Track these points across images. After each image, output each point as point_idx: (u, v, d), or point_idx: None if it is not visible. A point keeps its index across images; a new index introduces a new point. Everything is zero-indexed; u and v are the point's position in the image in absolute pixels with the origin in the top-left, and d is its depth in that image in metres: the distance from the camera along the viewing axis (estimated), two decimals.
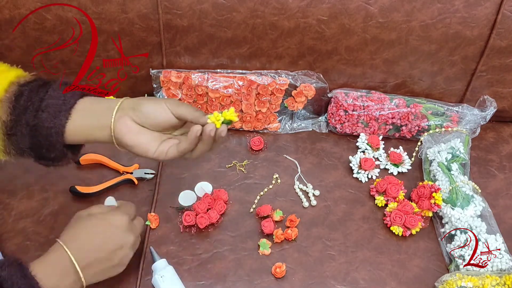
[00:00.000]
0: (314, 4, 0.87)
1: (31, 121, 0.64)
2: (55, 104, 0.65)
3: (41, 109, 0.65)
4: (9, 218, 0.85)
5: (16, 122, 0.64)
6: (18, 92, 0.65)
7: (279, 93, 0.96)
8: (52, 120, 0.65)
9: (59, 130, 0.65)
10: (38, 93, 0.66)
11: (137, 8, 0.88)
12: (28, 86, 0.66)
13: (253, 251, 0.82)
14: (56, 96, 0.66)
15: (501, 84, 0.98)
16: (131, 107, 0.66)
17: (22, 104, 0.64)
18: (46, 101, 0.65)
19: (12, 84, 0.66)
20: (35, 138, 0.65)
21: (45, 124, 0.64)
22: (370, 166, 0.92)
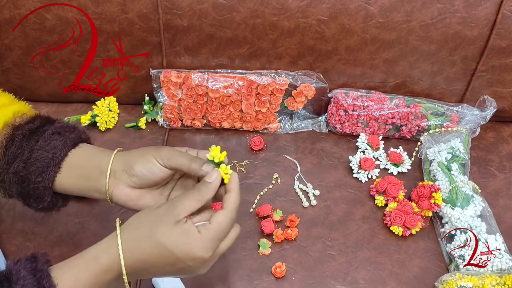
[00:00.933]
0: (314, 4, 0.87)
1: (19, 171, 0.62)
2: (44, 158, 0.62)
3: (30, 161, 0.62)
4: (9, 218, 0.85)
5: (5, 169, 0.62)
6: (10, 137, 0.63)
7: (279, 93, 0.96)
8: (40, 174, 0.62)
9: (47, 185, 0.62)
10: (30, 141, 0.63)
11: (137, 8, 0.88)
12: (22, 129, 0.63)
13: (253, 251, 0.82)
14: (46, 148, 0.62)
15: (501, 84, 0.98)
16: (123, 169, 0.62)
17: (13, 151, 0.62)
18: (36, 152, 0.62)
19: (7, 126, 0.63)
20: (23, 188, 0.63)
21: (32, 177, 0.62)
22: (370, 166, 0.92)
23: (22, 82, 0.98)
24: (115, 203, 0.64)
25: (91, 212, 0.85)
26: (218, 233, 0.57)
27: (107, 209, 0.85)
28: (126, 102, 1.03)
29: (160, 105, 0.99)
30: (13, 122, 0.64)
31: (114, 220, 0.84)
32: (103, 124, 0.99)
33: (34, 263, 0.54)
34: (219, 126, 1.00)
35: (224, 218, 0.58)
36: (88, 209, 0.86)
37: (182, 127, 1.00)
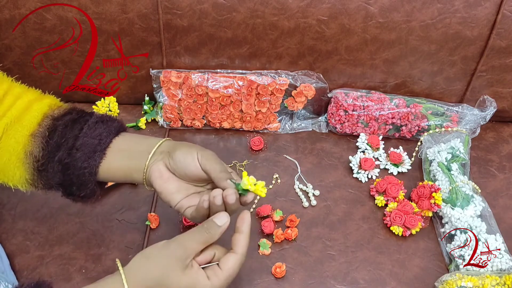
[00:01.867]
0: (314, 4, 0.87)
1: (64, 159, 0.62)
2: (90, 144, 0.63)
3: (75, 148, 0.62)
4: (9, 218, 0.85)
5: (49, 158, 0.62)
6: (52, 127, 0.63)
7: (279, 93, 0.96)
8: (86, 160, 0.62)
9: (93, 171, 0.63)
10: (73, 129, 0.63)
11: (137, 8, 0.88)
12: (62, 120, 0.64)
13: (253, 251, 0.82)
14: (92, 135, 0.63)
15: (501, 84, 0.98)
16: (168, 151, 0.63)
17: (56, 141, 0.62)
18: (81, 139, 0.63)
19: (46, 117, 0.64)
20: (67, 176, 0.63)
21: (78, 163, 0.62)
22: (370, 166, 0.92)
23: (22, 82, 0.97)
24: (147, 178, 0.64)
25: (92, 212, 0.85)
26: (227, 279, 0.58)
27: (108, 209, 0.85)
28: (126, 102, 1.03)
29: (160, 105, 0.99)
30: (51, 113, 0.65)
31: (114, 220, 0.85)
32: None
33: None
34: (219, 126, 1.00)
35: (234, 263, 0.58)
36: (88, 209, 0.86)
37: (182, 127, 1.00)
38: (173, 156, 0.62)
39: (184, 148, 0.63)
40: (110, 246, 0.81)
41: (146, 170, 0.63)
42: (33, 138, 0.62)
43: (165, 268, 0.56)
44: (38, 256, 0.80)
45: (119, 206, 0.86)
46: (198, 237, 0.58)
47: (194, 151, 0.62)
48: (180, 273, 0.56)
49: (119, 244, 0.82)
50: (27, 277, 0.78)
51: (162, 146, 0.64)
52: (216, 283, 0.56)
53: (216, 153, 0.97)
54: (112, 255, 0.80)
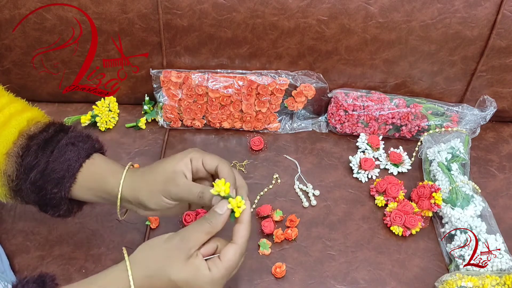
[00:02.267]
0: (314, 4, 0.87)
1: (36, 181, 0.63)
2: (59, 170, 0.63)
3: (46, 173, 0.63)
4: (9, 218, 0.85)
5: (22, 179, 0.63)
6: (26, 147, 0.64)
7: (279, 93, 0.96)
8: (56, 185, 0.63)
9: (63, 196, 0.64)
10: (45, 151, 0.64)
11: (137, 8, 0.88)
12: (36, 139, 0.64)
13: (253, 251, 0.82)
14: (60, 160, 0.63)
15: (501, 84, 0.98)
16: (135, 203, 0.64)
17: (29, 162, 0.63)
18: (51, 164, 0.63)
19: (21, 135, 0.64)
20: (41, 197, 0.64)
21: (49, 187, 0.63)
22: (370, 166, 0.92)
23: (22, 82, 0.98)
24: None
25: (92, 212, 0.85)
26: (227, 270, 0.58)
27: (107, 209, 0.85)
28: (126, 102, 1.03)
29: (160, 105, 0.99)
30: (27, 131, 0.65)
31: (114, 220, 0.84)
32: (103, 124, 0.99)
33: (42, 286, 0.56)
34: (219, 126, 1.00)
35: (234, 254, 0.58)
36: (88, 209, 0.86)
37: (182, 127, 1.00)
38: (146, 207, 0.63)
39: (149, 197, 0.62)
40: (110, 246, 0.81)
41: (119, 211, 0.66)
42: (8, 157, 0.63)
43: (168, 258, 0.57)
44: (38, 256, 0.80)
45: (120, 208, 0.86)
46: (200, 228, 0.58)
47: (159, 195, 0.62)
48: (182, 263, 0.56)
49: (119, 244, 0.82)
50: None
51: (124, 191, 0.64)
52: (217, 274, 0.57)
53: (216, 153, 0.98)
54: (112, 255, 0.80)
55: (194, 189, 0.60)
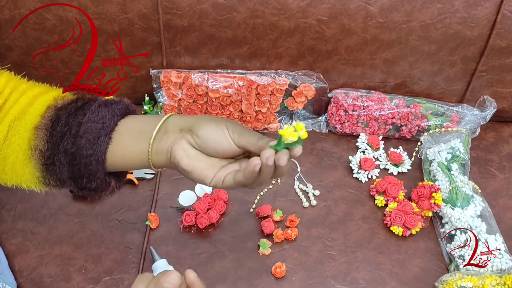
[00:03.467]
0: (314, 4, 0.87)
1: (69, 148, 0.58)
2: (94, 129, 0.58)
3: (79, 135, 0.58)
4: (9, 218, 0.85)
5: (54, 150, 0.59)
6: (55, 117, 0.60)
7: (279, 93, 0.96)
8: (91, 147, 0.58)
9: (100, 158, 0.58)
10: (76, 116, 0.60)
11: (137, 8, 0.88)
12: (66, 109, 0.60)
13: (253, 251, 0.82)
14: (95, 120, 0.59)
15: (501, 84, 0.98)
16: (188, 128, 0.57)
17: (60, 131, 0.59)
18: (84, 125, 0.58)
19: (49, 108, 0.61)
20: (75, 167, 0.59)
21: (84, 151, 0.58)
22: (370, 166, 0.92)
23: None
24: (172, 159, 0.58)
25: (92, 212, 0.85)
26: None
27: (108, 209, 0.85)
28: None
29: (160, 105, 0.99)
30: (55, 104, 0.62)
31: (114, 220, 0.85)
32: None
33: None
34: None
35: None
36: (88, 209, 0.86)
37: None
38: (198, 133, 0.56)
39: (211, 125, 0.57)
40: (110, 246, 0.81)
41: (151, 150, 0.59)
42: (37, 131, 0.59)
43: None
44: (38, 256, 0.80)
45: (119, 206, 0.86)
46: None
47: (223, 126, 0.56)
48: None
49: (119, 244, 0.82)
50: (27, 277, 0.78)
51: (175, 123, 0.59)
52: None
53: None
54: (112, 255, 0.80)
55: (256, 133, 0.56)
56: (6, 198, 0.87)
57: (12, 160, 0.60)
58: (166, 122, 0.59)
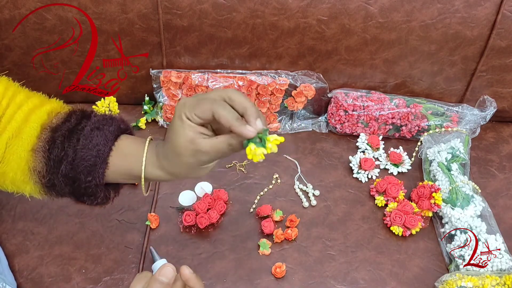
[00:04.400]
0: (314, 4, 0.87)
1: (68, 173, 0.61)
2: (89, 157, 0.60)
3: (76, 163, 0.60)
4: (9, 218, 0.85)
5: (53, 174, 0.61)
6: (51, 140, 0.61)
7: (279, 93, 0.96)
8: (89, 173, 0.61)
9: (98, 182, 0.61)
10: (71, 140, 0.61)
11: (137, 8, 0.88)
12: (60, 130, 0.62)
13: (253, 251, 0.82)
14: (89, 147, 0.61)
15: (501, 84, 0.98)
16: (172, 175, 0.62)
17: (57, 155, 0.61)
18: (80, 152, 0.60)
19: (44, 129, 0.62)
20: (75, 189, 0.62)
21: (82, 177, 0.61)
22: (370, 166, 0.92)
23: (22, 82, 0.98)
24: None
25: (92, 212, 0.85)
26: None
27: (107, 209, 0.85)
28: (126, 102, 1.03)
29: (160, 105, 0.99)
30: (49, 124, 0.63)
31: (114, 220, 0.85)
32: None
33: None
34: None
35: None
36: (88, 209, 0.86)
37: None
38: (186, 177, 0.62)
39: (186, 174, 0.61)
40: (110, 246, 0.81)
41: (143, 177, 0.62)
42: (34, 153, 0.61)
43: None
44: (38, 256, 0.80)
45: (119, 206, 0.86)
46: None
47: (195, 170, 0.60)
48: None
49: (119, 244, 0.82)
50: (27, 277, 0.78)
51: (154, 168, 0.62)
52: None
53: None
54: (112, 255, 0.80)
55: (221, 146, 0.58)
56: (6, 198, 0.87)
57: (11, 176, 0.62)
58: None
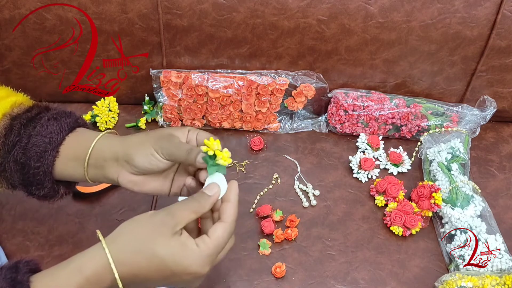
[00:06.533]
0: (314, 4, 0.87)
1: (19, 158, 0.62)
2: (42, 143, 0.61)
3: (28, 147, 0.61)
4: (9, 218, 0.85)
5: (5, 158, 0.62)
6: (9, 127, 0.63)
7: (279, 93, 0.96)
8: (39, 159, 0.61)
9: (47, 170, 0.62)
10: (28, 128, 0.63)
11: (137, 8, 0.88)
12: (19, 119, 0.63)
13: (253, 251, 0.82)
14: (43, 134, 0.62)
15: (501, 84, 0.98)
16: (123, 158, 0.61)
17: (12, 140, 0.62)
18: (33, 138, 0.62)
19: (4, 116, 0.63)
20: (25, 175, 0.63)
21: (32, 163, 0.62)
22: (370, 166, 0.92)
23: (22, 82, 0.98)
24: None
25: (91, 212, 0.85)
26: (216, 248, 0.56)
27: (107, 209, 0.85)
28: (126, 102, 1.03)
29: (160, 105, 0.99)
30: (10, 112, 0.64)
31: (114, 220, 0.85)
32: (103, 124, 0.99)
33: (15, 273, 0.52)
34: (219, 126, 1.00)
35: (223, 232, 0.56)
36: (88, 209, 0.86)
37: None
38: (133, 164, 0.60)
39: (140, 153, 0.60)
40: None
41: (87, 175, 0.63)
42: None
43: (152, 231, 0.54)
44: (38, 256, 0.80)
45: (119, 206, 0.86)
46: (188, 206, 0.57)
47: (152, 151, 0.60)
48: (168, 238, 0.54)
49: None
50: None
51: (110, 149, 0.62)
52: (205, 250, 0.55)
53: None
54: None
55: (184, 146, 0.60)
56: (6, 198, 0.87)
57: None
58: (101, 147, 0.62)
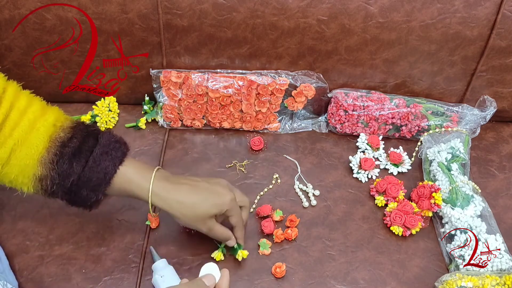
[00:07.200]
0: (314, 4, 0.87)
1: (72, 187, 0.67)
2: (96, 178, 0.67)
3: (82, 181, 0.67)
4: (9, 218, 0.85)
5: (58, 184, 0.66)
6: (60, 155, 0.66)
7: (279, 93, 0.96)
8: (92, 190, 0.67)
9: (98, 198, 0.68)
10: (80, 160, 0.66)
11: (137, 8, 0.88)
12: (69, 146, 0.66)
13: (253, 251, 0.82)
14: (97, 170, 0.67)
15: (501, 84, 0.98)
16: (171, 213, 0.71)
17: (65, 170, 0.66)
18: (87, 172, 0.66)
19: (52, 142, 0.66)
20: (73, 200, 0.69)
21: (84, 192, 0.67)
22: (370, 166, 0.92)
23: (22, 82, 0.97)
24: None
25: (92, 212, 0.85)
26: None
27: (107, 209, 0.85)
28: (126, 102, 1.03)
29: (160, 105, 0.99)
30: (57, 137, 0.67)
31: (114, 220, 0.85)
32: (103, 124, 0.99)
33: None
34: (219, 126, 1.00)
35: None
36: None
37: (182, 127, 1.00)
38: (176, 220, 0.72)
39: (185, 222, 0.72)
40: (110, 246, 0.81)
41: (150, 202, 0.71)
42: (41, 164, 0.65)
43: None
44: (38, 256, 0.80)
45: (119, 206, 0.86)
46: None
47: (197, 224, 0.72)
48: None
49: (119, 244, 0.82)
50: (27, 277, 0.78)
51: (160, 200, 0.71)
52: None
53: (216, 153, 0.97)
54: (112, 255, 0.80)
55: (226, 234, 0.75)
56: (6, 199, 0.87)
57: (13, 177, 0.66)
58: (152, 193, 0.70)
